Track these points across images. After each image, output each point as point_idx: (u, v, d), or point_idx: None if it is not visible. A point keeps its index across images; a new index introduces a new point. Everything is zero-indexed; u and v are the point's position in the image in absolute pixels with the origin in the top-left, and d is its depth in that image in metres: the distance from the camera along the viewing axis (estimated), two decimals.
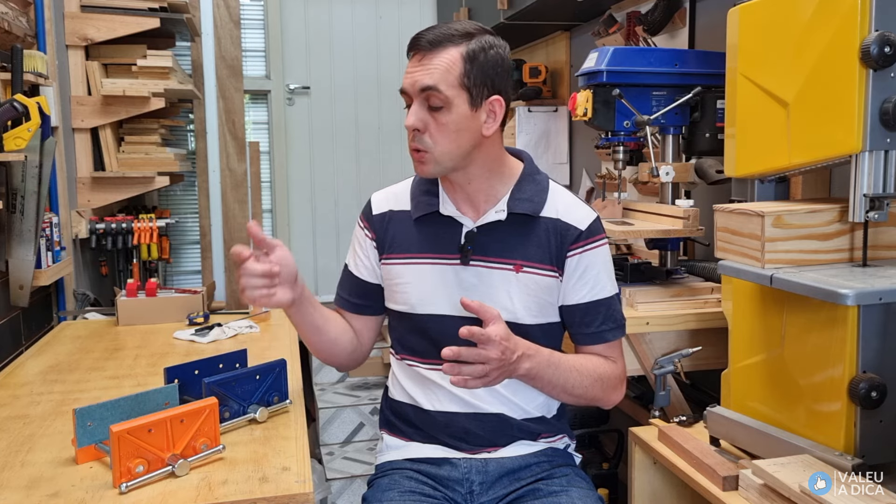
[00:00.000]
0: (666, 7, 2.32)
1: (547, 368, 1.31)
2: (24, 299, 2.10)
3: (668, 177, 1.85)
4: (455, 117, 1.28)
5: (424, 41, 1.28)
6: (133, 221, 2.86)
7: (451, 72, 1.27)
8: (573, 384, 1.35)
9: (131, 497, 1.12)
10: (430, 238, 1.40)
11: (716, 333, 1.71)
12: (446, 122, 1.28)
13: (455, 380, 1.20)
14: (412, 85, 1.29)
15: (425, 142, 1.30)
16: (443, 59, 1.27)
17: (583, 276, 1.38)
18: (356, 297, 1.48)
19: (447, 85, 1.27)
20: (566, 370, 1.34)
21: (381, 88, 4.16)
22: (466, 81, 1.28)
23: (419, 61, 1.29)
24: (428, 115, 1.29)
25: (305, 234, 4.17)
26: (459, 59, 1.27)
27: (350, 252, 1.51)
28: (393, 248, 1.43)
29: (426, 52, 1.28)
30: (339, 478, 2.80)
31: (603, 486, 2.31)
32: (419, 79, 1.27)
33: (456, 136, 1.29)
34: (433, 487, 1.38)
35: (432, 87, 1.26)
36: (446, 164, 1.32)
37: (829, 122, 1.27)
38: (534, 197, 1.38)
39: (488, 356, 1.19)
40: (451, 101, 1.27)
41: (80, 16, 2.75)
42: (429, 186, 1.42)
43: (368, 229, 1.46)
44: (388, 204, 1.46)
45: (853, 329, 1.21)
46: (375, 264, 1.45)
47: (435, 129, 1.29)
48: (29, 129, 1.97)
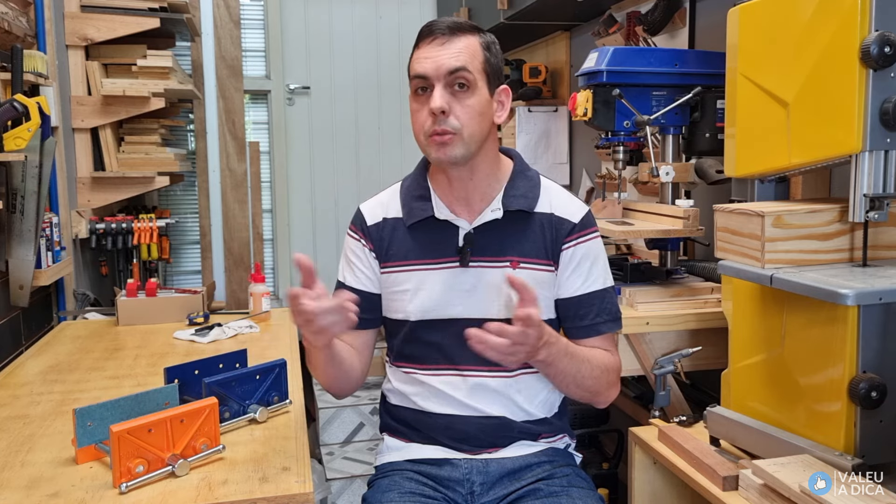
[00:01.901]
0: (666, 7, 2.32)
1: (563, 357, 1.30)
2: (24, 299, 2.10)
3: (668, 177, 1.85)
4: (480, 99, 1.31)
5: (444, 26, 1.31)
6: (133, 221, 2.86)
7: (476, 56, 1.31)
8: (584, 375, 1.34)
9: (131, 497, 1.12)
10: (427, 243, 1.39)
11: (716, 333, 1.71)
12: (472, 103, 1.30)
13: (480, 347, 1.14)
14: (437, 67, 1.29)
15: (452, 123, 1.29)
16: (467, 44, 1.30)
17: (577, 269, 1.38)
18: (361, 311, 1.44)
19: (473, 67, 1.30)
20: (580, 361, 1.33)
21: (381, 88, 4.16)
22: (487, 68, 1.32)
23: (441, 45, 1.29)
24: (452, 97, 1.29)
25: (305, 234, 4.17)
26: (479, 46, 1.32)
27: (345, 267, 1.47)
28: (390, 256, 1.42)
29: (449, 37, 1.30)
30: (339, 478, 2.80)
31: (603, 486, 2.31)
32: (446, 61, 1.28)
33: (480, 119, 1.31)
34: (433, 488, 1.38)
35: (462, 68, 1.28)
36: (471, 146, 1.32)
37: (829, 122, 1.27)
38: (528, 193, 1.39)
39: (527, 337, 1.16)
40: (477, 83, 1.30)
41: (80, 16, 2.75)
42: (421, 192, 1.41)
43: (365, 240, 1.44)
44: (380, 212, 1.44)
45: (853, 329, 1.21)
46: (377, 274, 1.43)
47: (461, 111, 1.29)
48: (29, 129, 1.97)
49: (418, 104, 1.32)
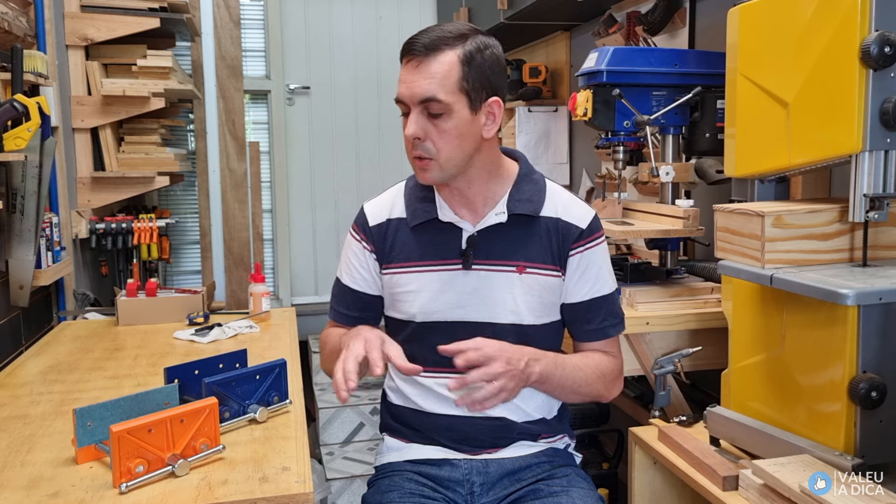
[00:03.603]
0: (666, 7, 2.32)
1: (555, 370, 1.31)
2: (24, 299, 2.10)
3: (668, 177, 1.85)
4: (456, 122, 1.26)
5: (419, 46, 1.24)
6: (133, 221, 2.86)
7: (449, 77, 1.24)
8: (579, 382, 1.35)
9: (131, 497, 1.12)
10: (430, 245, 1.39)
11: (716, 333, 1.71)
12: (447, 128, 1.26)
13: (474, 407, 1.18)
14: (410, 95, 1.26)
15: (428, 149, 1.27)
16: (440, 65, 1.24)
17: (584, 275, 1.38)
18: (356, 310, 1.45)
19: (446, 92, 1.24)
20: (571, 369, 1.34)
21: (381, 88, 4.16)
22: (465, 85, 1.25)
23: (415, 68, 1.25)
24: (428, 122, 1.26)
25: (305, 234, 4.17)
26: (457, 62, 1.24)
27: (344, 265, 1.47)
28: (393, 257, 1.41)
29: (422, 58, 1.24)
30: (339, 478, 2.79)
31: (603, 486, 2.31)
32: (417, 88, 1.24)
33: (459, 142, 1.27)
34: (433, 489, 1.38)
35: (432, 98, 1.24)
36: (450, 170, 1.30)
37: (829, 122, 1.27)
38: (533, 197, 1.38)
39: (495, 372, 1.18)
40: (452, 108, 1.25)
41: (80, 16, 2.75)
42: (425, 193, 1.40)
43: (366, 241, 1.43)
44: (384, 213, 1.43)
45: (853, 329, 1.21)
46: (375, 275, 1.43)
47: (437, 136, 1.27)
48: (29, 129, 1.97)
49: (404, 124, 1.30)
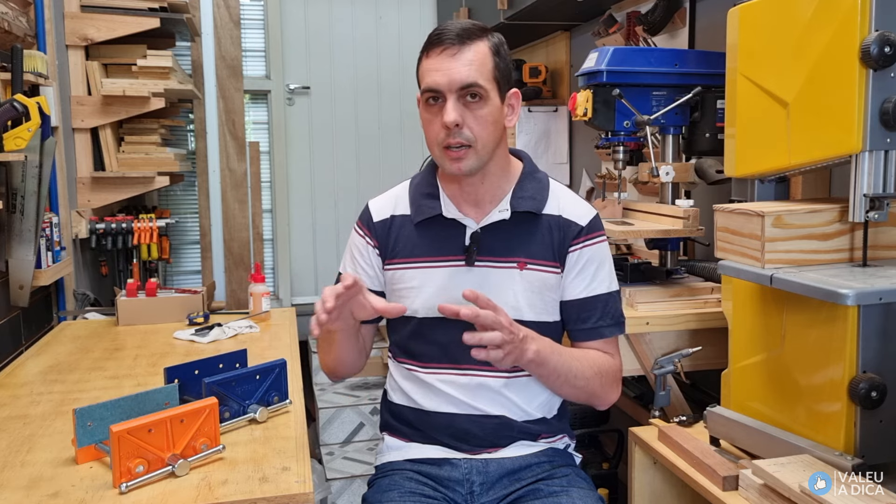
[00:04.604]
0: (666, 7, 2.32)
1: (552, 354, 1.30)
2: (24, 299, 2.10)
3: (668, 177, 1.85)
4: (491, 109, 1.30)
5: (453, 34, 1.28)
6: (133, 221, 2.86)
7: (485, 65, 1.28)
8: (576, 373, 1.34)
9: (131, 497, 1.12)
10: (434, 241, 1.40)
11: (716, 333, 1.71)
12: (484, 114, 1.29)
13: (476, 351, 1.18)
14: (449, 82, 1.27)
15: (466, 135, 1.29)
16: (476, 53, 1.28)
17: (582, 271, 1.38)
18: None
19: (484, 79, 1.28)
20: (568, 358, 1.34)
21: (381, 88, 4.16)
22: (496, 74, 1.30)
23: (452, 56, 1.27)
24: (465, 108, 1.28)
25: (305, 234, 4.17)
26: (489, 51, 1.29)
27: (347, 260, 1.48)
28: (396, 252, 1.42)
29: (460, 46, 1.27)
30: (339, 478, 2.79)
31: (603, 486, 2.31)
32: (456, 75, 1.26)
33: (493, 129, 1.31)
34: (433, 488, 1.38)
35: (473, 84, 1.27)
36: (484, 157, 1.32)
37: (829, 122, 1.27)
38: (536, 195, 1.39)
39: (500, 321, 1.18)
40: (489, 94, 1.29)
41: (80, 16, 2.75)
42: (430, 190, 1.42)
43: (370, 237, 1.45)
44: (388, 210, 1.45)
45: (853, 329, 1.21)
46: (378, 272, 1.45)
47: (474, 123, 1.29)
48: (29, 129, 1.97)
49: (430, 115, 1.31)
